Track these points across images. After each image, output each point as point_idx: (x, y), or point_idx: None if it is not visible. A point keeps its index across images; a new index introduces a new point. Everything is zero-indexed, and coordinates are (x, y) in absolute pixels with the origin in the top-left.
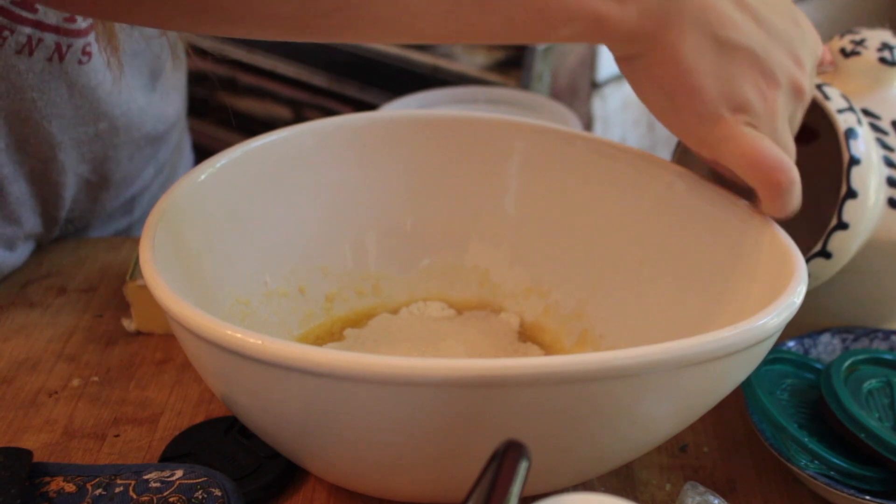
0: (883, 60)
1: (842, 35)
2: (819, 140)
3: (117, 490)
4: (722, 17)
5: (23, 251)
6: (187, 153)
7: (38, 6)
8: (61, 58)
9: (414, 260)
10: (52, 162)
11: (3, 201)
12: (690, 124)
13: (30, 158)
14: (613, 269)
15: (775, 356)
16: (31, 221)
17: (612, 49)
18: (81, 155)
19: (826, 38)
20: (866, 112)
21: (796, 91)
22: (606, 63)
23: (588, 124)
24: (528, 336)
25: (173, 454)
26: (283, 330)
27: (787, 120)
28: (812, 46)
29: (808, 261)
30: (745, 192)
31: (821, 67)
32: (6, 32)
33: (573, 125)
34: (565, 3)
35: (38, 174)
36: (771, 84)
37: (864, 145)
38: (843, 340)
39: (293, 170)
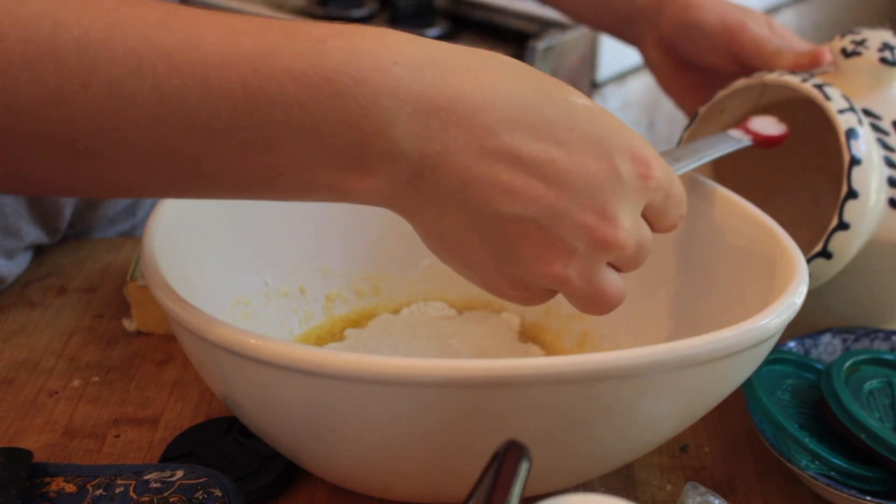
0: (884, 60)
1: (842, 35)
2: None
3: (117, 490)
4: (491, 190)
5: (23, 259)
6: None
7: None
8: None
9: (414, 260)
10: None
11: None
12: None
13: None
14: None
15: (776, 356)
16: (32, 234)
17: None
18: None
19: (826, 38)
20: (867, 112)
21: (600, 248)
22: (606, 63)
23: None
24: (528, 336)
25: (174, 454)
26: (284, 330)
27: (591, 276)
28: (631, 182)
29: (808, 261)
30: None
31: (821, 68)
32: None
33: None
34: (299, 178)
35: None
36: (559, 255)
37: (865, 145)
38: (844, 341)
39: None
